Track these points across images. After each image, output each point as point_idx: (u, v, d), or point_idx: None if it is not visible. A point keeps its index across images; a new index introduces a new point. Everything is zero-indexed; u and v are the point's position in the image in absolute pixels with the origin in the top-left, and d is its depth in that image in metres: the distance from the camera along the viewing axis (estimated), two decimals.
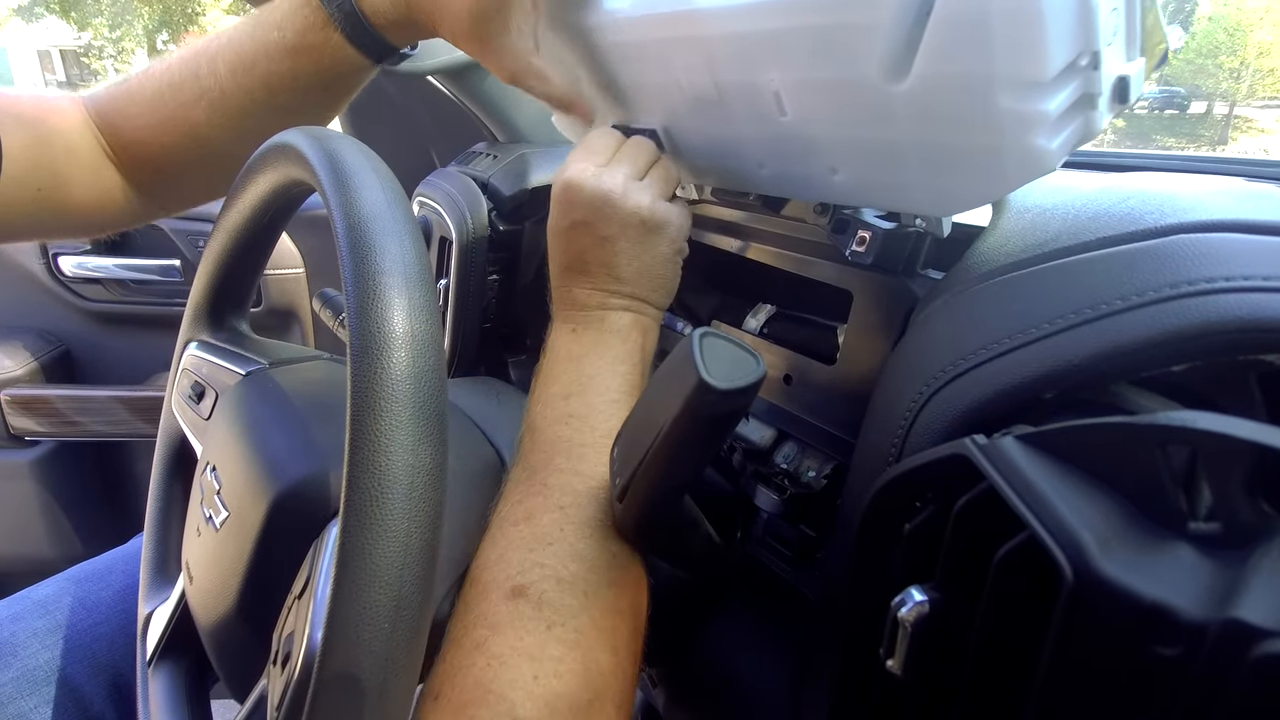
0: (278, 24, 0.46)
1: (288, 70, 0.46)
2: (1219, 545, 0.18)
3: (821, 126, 0.37)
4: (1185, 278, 0.26)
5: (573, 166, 0.42)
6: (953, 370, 0.31)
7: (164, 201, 0.52)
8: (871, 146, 0.36)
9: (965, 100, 0.30)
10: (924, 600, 0.24)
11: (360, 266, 0.27)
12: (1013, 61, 0.27)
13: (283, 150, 0.38)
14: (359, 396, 0.25)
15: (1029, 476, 0.21)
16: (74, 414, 1.08)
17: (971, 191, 0.34)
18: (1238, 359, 0.25)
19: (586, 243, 0.42)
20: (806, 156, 0.40)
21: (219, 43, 0.47)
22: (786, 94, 0.37)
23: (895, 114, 0.33)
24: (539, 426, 0.38)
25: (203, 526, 0.40)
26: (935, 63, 0.30)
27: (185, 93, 0.47)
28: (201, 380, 0.47)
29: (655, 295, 0.44)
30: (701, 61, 0.40)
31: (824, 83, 0.35)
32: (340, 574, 0.24)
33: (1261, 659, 0.15)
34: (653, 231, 0.42)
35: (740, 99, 0.40)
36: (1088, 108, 0.29)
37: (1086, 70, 0.28)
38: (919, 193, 0.37)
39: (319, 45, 0.45)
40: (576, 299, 0.43)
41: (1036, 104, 0.28)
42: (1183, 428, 0.19)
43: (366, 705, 0.24)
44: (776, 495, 0.49)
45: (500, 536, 0.34)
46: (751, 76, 0.38)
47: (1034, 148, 0.29)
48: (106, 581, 0.57)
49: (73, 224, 0.49)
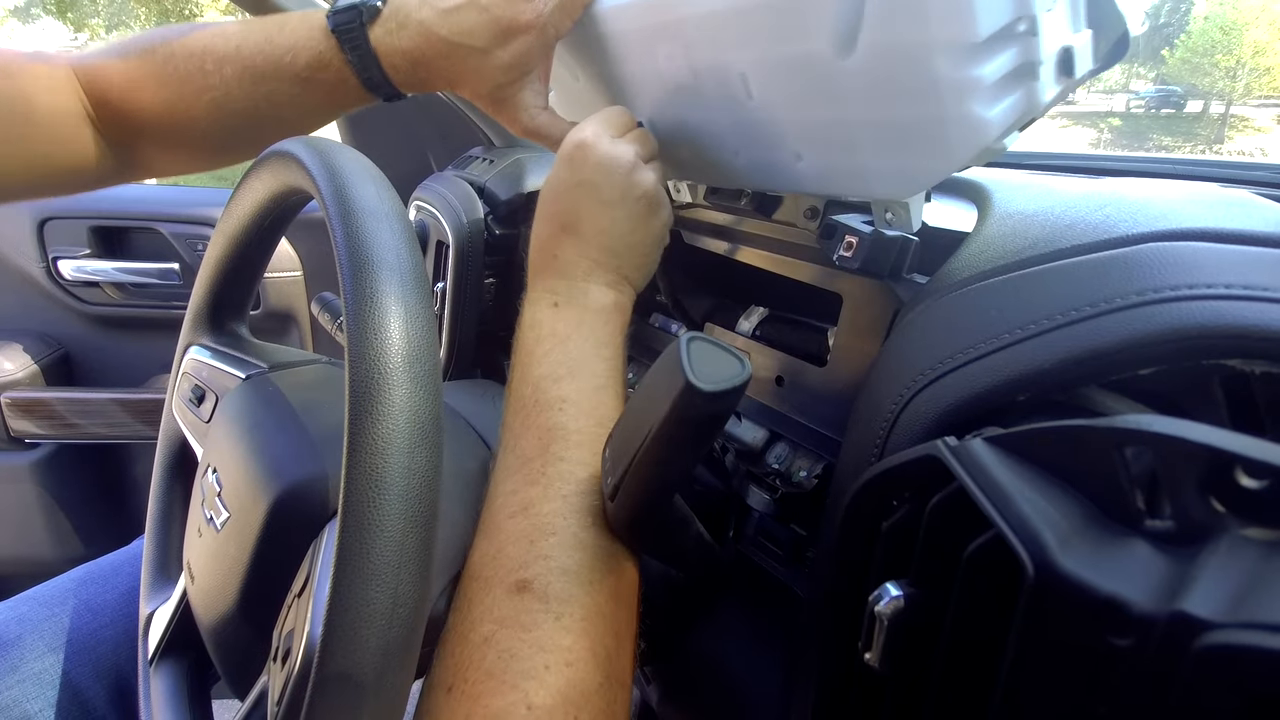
0: (290, 48, 0.46)
1: (297, 94, 0.47)
2: (1172, 542, 0.19)
3: (784, 109, 0.39)
4: (1152, 285, 0.27)
5: (589, 129, 0.43)
6: (932, 373, 0.32)
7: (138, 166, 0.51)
8: (829, 128, 0.38)
9: (908, 70, 0.31)
10: (899, 595, 0.25)
11: (358, 274, 0.28)
12: (946, 24, 0.29)
13: (282, 158, 0.39)
14: (356, 401, 0.26)
15: (996, 477, 0.22)
16: (73, 416, 1.09)
17: (922, 169, 0.35)
18: (1202, 364, 0.26)
19: (587, 204, 0.42)
20: (773, 141, 0.42)
21: (227, 45, 0.46)
22: (752, 75, 0.39)
23: (847, 90, 0.35)
24: (530, 411, 0.38)
25: (204, 527, 0.40)
26: (879, 32, 0.31)
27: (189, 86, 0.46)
28: (202, 383, 0.48)
29: (637, 275, 0.44)
30: (679, 47, 0.42)
31: (782, 61, 0.37)
32: (339, 573, 0.25)
33: (1204, 650, 0.16)
34: (652, 210, 0.43)
35: (712, 83, 0.42)
36: (1028, 77, 0.30)
37: (1025, 37, 0.29)
38: (875, 176, 0.38)
39: (330, 81, 0.46)
40: (561, 263, 0.42)
41: (973, 69, 0.29)
42: (1139, 430, 0.20)
43: (364, 699, 0.25)
44: (768, 495, 0.50)
45: (497, 530, 0.34)
46: (721, 57, 0.40)
47: (973, 116, 0.30)
48: (112, 584, 0.58)
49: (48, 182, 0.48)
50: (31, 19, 20.58)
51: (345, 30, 0.45)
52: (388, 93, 0.48)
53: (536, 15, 0.45)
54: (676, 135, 0.48)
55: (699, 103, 0.44)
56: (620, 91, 0.50)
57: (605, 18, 0.46)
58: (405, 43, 0.45)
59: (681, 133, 0.48)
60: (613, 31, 0.46)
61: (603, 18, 0.46)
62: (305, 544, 0.35)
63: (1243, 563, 0.17)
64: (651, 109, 0.48)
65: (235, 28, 0.47)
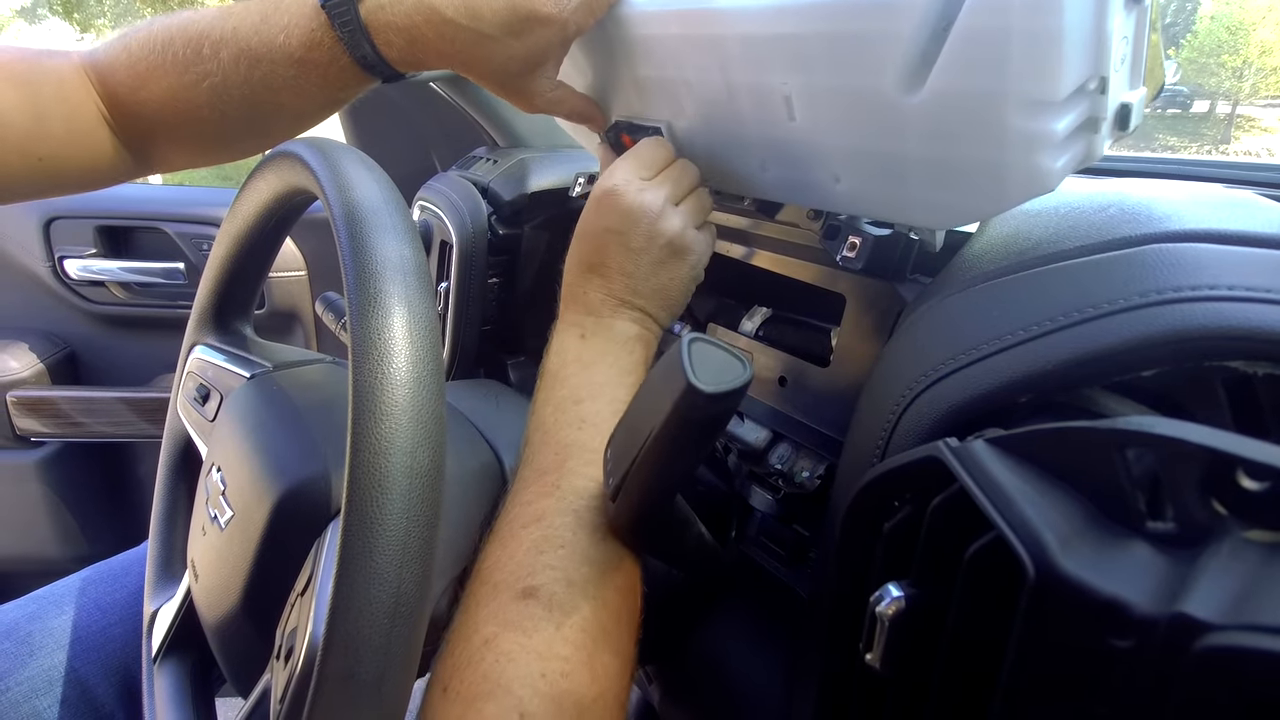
0: (285, 27, 0.44)
1: (293, 76, 0.45)
2: (1173, 544, 0.19)
3: (830, 135, 0.38)
4: (1155, 286, 0.27)
5: (619, 174, 0.43)
6: (934, 374, 0.32)
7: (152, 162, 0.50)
8: (877, 157, 0.37)
9: (976, 116, 0.30)
10: (901, 596, 0.25)
11: (362, 275, 0.28)
12: (1027, 80, 0.28)
13: (287, 159, 0.39)
14: (360, 401, 0.26)
15: (997, 478, 0.22)
16: (79, 415, 1.10)
17: (970, 207, 0.35)
18: (1204, 365, 0.26)
19: (613, 249, 0.42)
20: (811, 163, 0.41)
21: (224, 28, 0.44)
22: (798, 99, 0.38)
23: (905, 126, 0.34)
24: (550, 428, 0.38)
25: (208, 526, 0.41)
26: (951, 77, 0.30)
27: (190, 74, 0.44)
28: (207, 383, 0.48)
29: (662, 314, 0.44)
30: (715, 61, 0.40)
31: (837, 90, 0.36)
32: (342, 572, 0.25)
33: (1204, 651, 0.16)
34: (677, 255, 0.43)
35: (749, 101, 0.41)
36: (1091, 131, 0.30)
37: (1095, 94, 0.29)
38: (918, 206, 0.38)
39: (323, 62, 0.44)
40: (589, 301, 0.43)
41: (1046, 123, 0.29)
42: (1139, 432, 0.20)
43: (366, 696, 0.25)
44: (771, 495, 0.50)
45: (510, 538, 0.34)
46: (764, 78, 0.39)
47: (1038, 167, 0.30)
48: (120, 583, 0.58)
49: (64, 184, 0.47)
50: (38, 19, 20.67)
51: (335, 4, 0.43)
52: (384, 73, 0.45)
53: (559, 9, 0.42)
54: (697, 143, 0.47)
55: (729, 116, 0.43)
56: (637, 95, 0.48)
57: (631, 20, 0.44)
58: (401, 19, 0.42)
59: (703, 140, 0.47)
60: (637, 35, 0.44)
61: (628, 20, 0.44)
62: (308, 543, 0.35)
63: (1244, 565, 0.17)
64: (671, 114, 0.47)
65: (235, 9, 0.45)
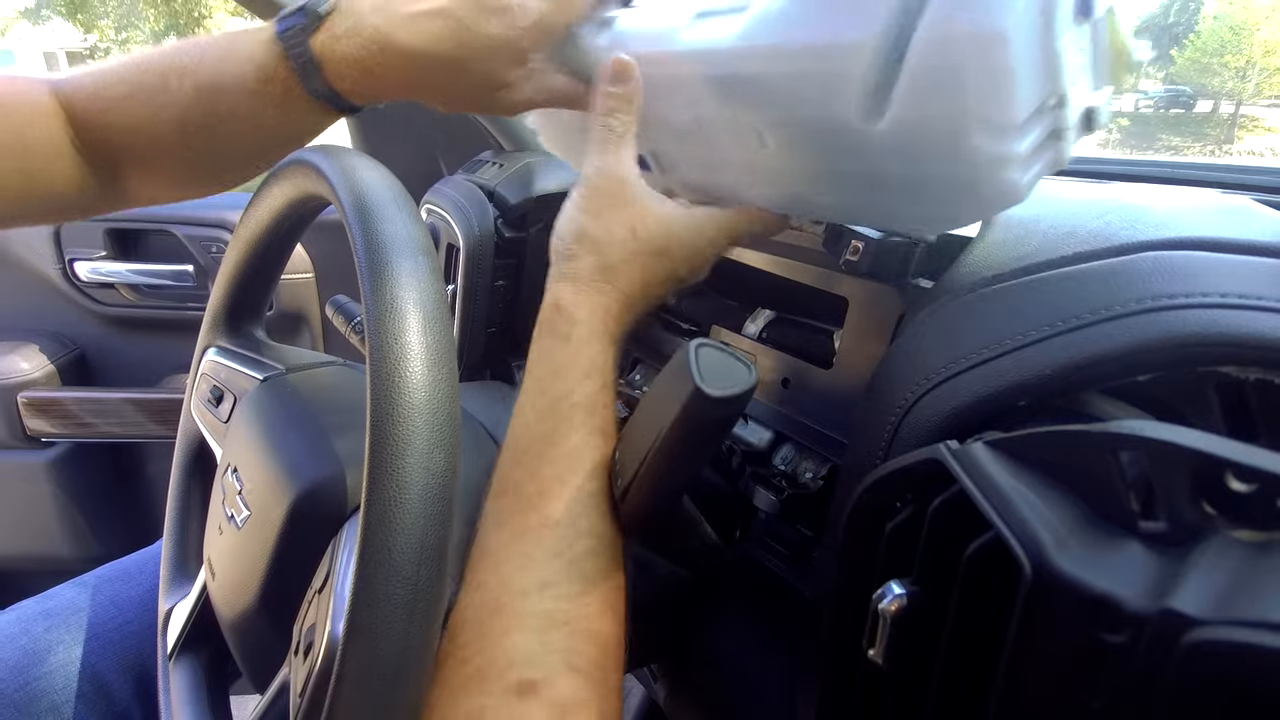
0: (248, 58, 0.42)
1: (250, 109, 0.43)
2: (1164, 543, 0.20)
3: (804, 160, 0.39)
4: (1150, 293, 0.28)
5: None
6: (935, 378, 0.33)
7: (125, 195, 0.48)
8: (855, 176, 0.37)
9: (940, 141, 0.31)
10: (902, 594, 0.26)
11: (378, 280, 0.29)
12: (984, 107, 0.28)
13: (300, 166, 0.40)
14: (378, 405, 0.27)
15: (995, 480, 0.23)
16: (89, 416, 1.11)
17: (953, 215, 0.36)
18: (1197, 370, 0.27)
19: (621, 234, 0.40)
20: (792, 181, 0.41)
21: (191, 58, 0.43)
22: (768, 131, 0.38)
23: (874, 150, 0.34)
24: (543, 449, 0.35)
25: (225, 525, 0.42)
26: (909, 109, 0.31)
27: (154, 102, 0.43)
28: (220, 385, 0.49)
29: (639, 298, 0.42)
30: (684, 99, 0.41)
31: (804, 123, 0.36)
32: (361, 569, 0.26)
33: (1191, 645, 0.17)
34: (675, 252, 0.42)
35: (723, 133, 0.41)
36: (1056, 140, 0.30)
37: (1055, 110, 0.29)
38: (905, 216, 0.38)
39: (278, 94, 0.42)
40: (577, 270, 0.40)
41: (1008, 145, 0.29)
42: (1133, 435, 0.20)
43: (385, 690, 0.26)
44: (774, 496, 0.50)
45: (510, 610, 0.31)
46: (733, 114, 0.39)
47: (1006, 181, 0.30)
48: (136, 580, 0.59)
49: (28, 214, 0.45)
50: (42, 20, 20.72)
51: (289, 36, 0.41)
52: (339, 104, 0.44)
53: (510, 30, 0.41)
54: (681, 167, 0.47)
55: (706, 146, 0.43)
56: None
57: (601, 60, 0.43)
58: (353, 50, 0.41)
59: (686, 166, 0.47)
60: None
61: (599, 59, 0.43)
62: (325, 541, 0.36)
63: (1231, 563, 0.18)
64: (654, 144, 0.47)
65: (207, 39, 0.44)
